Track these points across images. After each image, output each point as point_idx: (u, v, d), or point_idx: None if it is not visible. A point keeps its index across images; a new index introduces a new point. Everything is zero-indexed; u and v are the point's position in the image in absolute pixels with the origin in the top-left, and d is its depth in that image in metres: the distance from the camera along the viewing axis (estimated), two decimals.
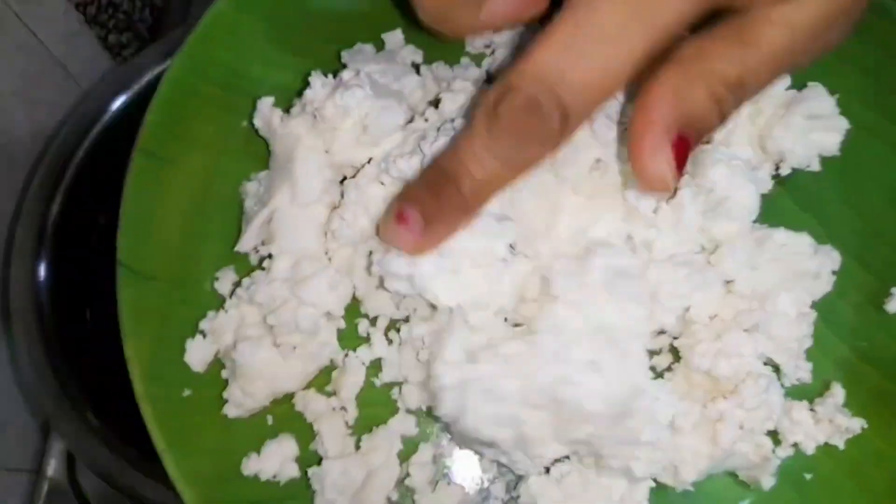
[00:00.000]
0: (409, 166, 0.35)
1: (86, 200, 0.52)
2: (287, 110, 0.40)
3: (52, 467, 0.53)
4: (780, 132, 0.39)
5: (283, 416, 0.39)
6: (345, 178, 0.40)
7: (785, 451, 0.38)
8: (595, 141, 0.37)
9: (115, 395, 0.51)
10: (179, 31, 0.54)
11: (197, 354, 0.37)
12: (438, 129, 0.36)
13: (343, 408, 0.38)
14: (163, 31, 0.66)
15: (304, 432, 0.38)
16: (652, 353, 0.39)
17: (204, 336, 0.38)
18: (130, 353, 0.36)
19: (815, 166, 0.40)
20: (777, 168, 0.40)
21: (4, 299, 0.49)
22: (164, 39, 0.54)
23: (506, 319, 0.36)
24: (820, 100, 0.39)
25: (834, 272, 0.39)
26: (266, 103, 0.39)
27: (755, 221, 0.38)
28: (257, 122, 0.40)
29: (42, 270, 0.48)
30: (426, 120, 0.38)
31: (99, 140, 0.52)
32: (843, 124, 0.39)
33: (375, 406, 0.39)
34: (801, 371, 0.38)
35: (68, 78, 0.54)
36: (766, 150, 0.40)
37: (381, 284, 0.36)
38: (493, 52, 0.43)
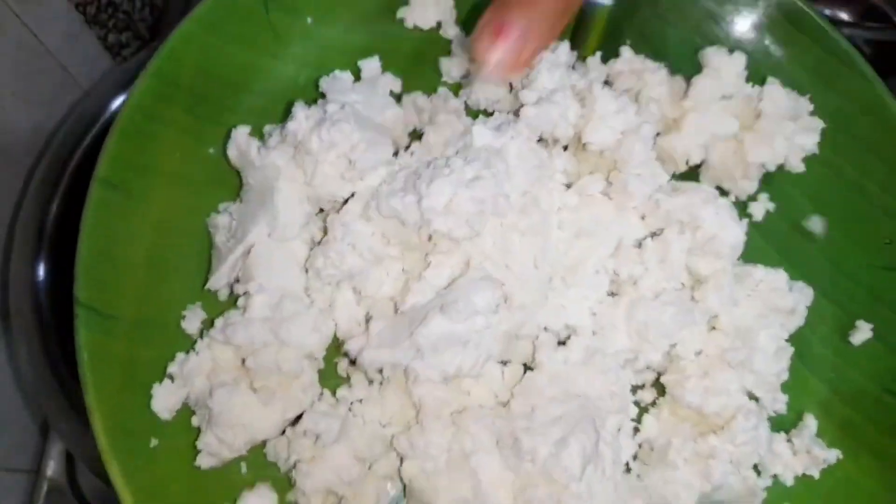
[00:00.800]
0: (403, 205, 0.34)
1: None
2: (261, 138, 0.38)
3: (52, 467, 0.51)
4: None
5: (257, 463, 0.36)
6: (321, 210, 0.38)
7: (765, 482, 0.39)
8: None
9: None
10: None
11: (164, 401, 0.35)
12: (429, 166, 0.35)
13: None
14: (163, 31, 0.64)
15: (283, 480, 0.36)
16: (636, 388, 0.39)
17: (172, 380, 0.35)
18: (92, 403, 0.33)
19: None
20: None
21: (4, 299, 0.48)
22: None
23: None
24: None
25: (807, 307, 0.40)
26: (241, 133, 0.37)
27: None
28: (231, 152, 0.37)
29: (41, 270, 0.47)
30: (411, 154, 0.37)
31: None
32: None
33: None
34: (777, 403, 0.39)
35: (68, 78, 0.53)
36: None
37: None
38: (470, 82, 0.42)
